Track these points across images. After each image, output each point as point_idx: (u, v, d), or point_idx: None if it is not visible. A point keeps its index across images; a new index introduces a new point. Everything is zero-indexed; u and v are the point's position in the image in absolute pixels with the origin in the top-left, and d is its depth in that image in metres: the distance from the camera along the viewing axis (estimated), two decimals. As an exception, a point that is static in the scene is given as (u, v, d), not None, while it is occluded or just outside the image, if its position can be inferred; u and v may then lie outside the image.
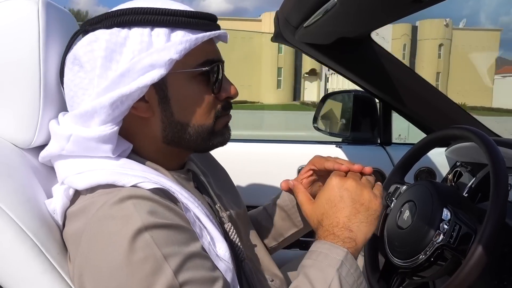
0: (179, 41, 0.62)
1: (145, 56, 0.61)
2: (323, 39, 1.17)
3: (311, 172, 0.88)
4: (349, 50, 1.24)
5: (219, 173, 0.94)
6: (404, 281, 0.93)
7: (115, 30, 0.62)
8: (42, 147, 0.72)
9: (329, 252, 0.66)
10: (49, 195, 0.69)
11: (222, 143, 0.74)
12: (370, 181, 0.75)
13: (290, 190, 0.85)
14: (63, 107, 0.73)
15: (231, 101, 0.74)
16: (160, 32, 0.62)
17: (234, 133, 0.78)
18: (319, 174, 0.88)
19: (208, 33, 0.65)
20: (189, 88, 0.67)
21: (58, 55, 0.72)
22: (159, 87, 0.65)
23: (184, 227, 0.59)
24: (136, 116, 0.66)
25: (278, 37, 1.25)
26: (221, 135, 0.72)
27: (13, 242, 0.60)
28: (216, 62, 0.68)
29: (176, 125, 0.68)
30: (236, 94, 0.73)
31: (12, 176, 0.65)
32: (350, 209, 0.69)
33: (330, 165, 0.80)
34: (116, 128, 0.64)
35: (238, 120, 1.16)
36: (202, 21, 0.66)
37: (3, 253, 0.60)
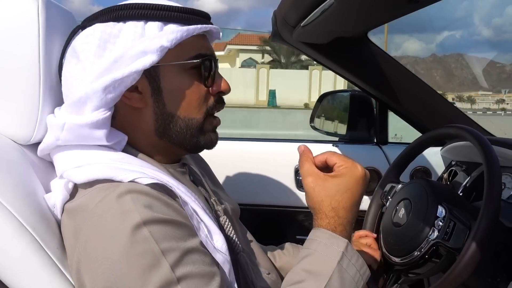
0: (171, 31, 0.65)
1: (137, 43, 0.64)
2: (321, 38, 1.18)
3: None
4: (346, 50, 1.25)
5: (211, 174, 0.96)
6: (400, 278, 0.94)
7: (111, 23, 0.66)
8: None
9: (329, 242, 0.64)
10: (48, 191, 0.69)
11: (209, 146, 0.75)
12: None
13: None
14: (62, 104, 0.73)
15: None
16: (153, 25, 0.65)
17: (229, 131, 0.78)
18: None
19: (199, 26, 0.67)
20: (182, 80, 0.69)
21: (57, 53, 0.73)
22: (152, 78, 0.67)
23: (182, 222, 0.60)
24: (129, 107, 0.68)
25: (276, 36, 1.25)
26: (208, 136, 0.73)
27: (13, 236, 0.60)
28: (208, 56, 0.70)
29: (168, 116, 0.69)
30: (228, 89, 0.74)
31: (12, 171, 0.65)
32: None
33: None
34: (108, 114, 0.65)
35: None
36: (194, 16, 0.68)
37: (2, 247, 0.60)
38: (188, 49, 0.68)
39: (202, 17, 0.70)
